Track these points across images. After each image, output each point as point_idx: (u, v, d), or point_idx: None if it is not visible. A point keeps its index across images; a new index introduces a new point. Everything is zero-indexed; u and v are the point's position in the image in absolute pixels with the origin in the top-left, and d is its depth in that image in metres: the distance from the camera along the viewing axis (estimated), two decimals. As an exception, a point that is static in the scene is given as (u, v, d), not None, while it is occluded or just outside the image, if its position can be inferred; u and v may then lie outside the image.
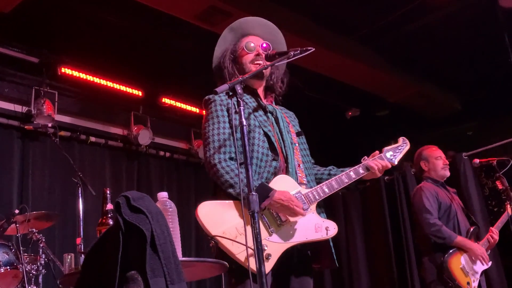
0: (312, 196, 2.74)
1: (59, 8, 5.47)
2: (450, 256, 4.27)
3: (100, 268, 2.00)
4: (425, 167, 4.69)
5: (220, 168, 2.65)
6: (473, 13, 5.93)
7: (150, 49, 6.30)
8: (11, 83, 6.19)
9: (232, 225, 2.55)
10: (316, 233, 2.70)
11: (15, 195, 6.02)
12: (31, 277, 4.56)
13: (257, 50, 2.95)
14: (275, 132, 2.88)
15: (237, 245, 2.49)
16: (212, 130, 2.76)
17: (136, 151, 7.22)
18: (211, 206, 2.62)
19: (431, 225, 4.34)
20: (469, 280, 4.24)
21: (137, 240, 1.95)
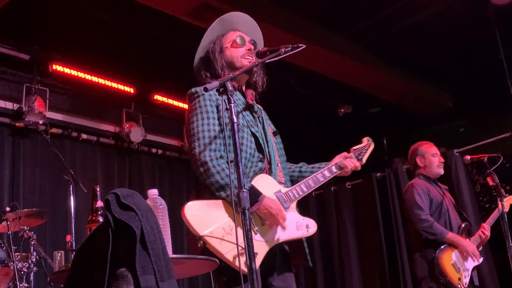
0: (292, 195, 2.78)
1: (50, 4, 5.46)
2: (441, 252, 4.28)
3: (90, 265, 1.99)
4: (421, 163, 4.69)
5: (211, 166, 2.62)
6: (464, 10, 5.95)
7: (142, 46, 6.29)
8: (2, 80, 6.18)
9: (219, 225, 2.55)
10: (297, 231, 2.74)
11: (6, 192, 6.01)
12: (22, 275, 4.56)
13: (249, 46, 2.94)
14: (261, 132, 2.87)
15: (225, 244, 2.50)
16: (202, 126, 2.72)
17: (128, 148, 7.22)
18: (198, 206, 2.61)
19: (422, 221, 4.35)
20: (460, 276, 4.26)
21: (126, 237, 1.94)
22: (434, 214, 4.44)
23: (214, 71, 2.88)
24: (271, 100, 3.15)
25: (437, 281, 4.23)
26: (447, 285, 4.20)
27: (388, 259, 6.89)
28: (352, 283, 7.12)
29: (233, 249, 2.50)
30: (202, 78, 2.91)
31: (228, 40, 2.95)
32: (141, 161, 7.41)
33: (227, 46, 2.93)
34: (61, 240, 6.02)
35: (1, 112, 6.16)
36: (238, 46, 2.92)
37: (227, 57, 2.91)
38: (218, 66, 2.88)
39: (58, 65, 6.32)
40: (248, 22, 3.08)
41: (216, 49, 2.92)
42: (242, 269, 2.37)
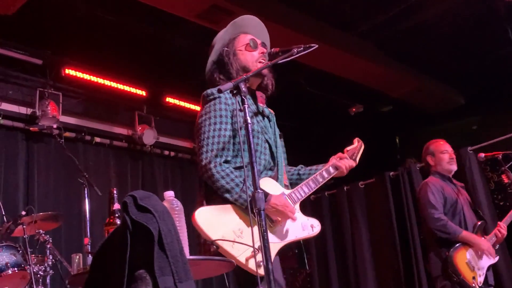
0: (295, 196, 2.80)
1: (61, 9, 5.49)
2: (455, 250, 4.27)
3: (108, 267, 2.01)
4: (432, 161, 4.68)
5: (216, 172, 2.65)
6: (475, 7, 5.92)
7: (153, 49, 6.31)
8: (15, 85, 6.22)
9: (229, 228, 2.58)
10: (303, 231, 2.77)
11: (21, 196, 6.04)
12: (38, 278, 4.56)
13: (261, 49, 2.95)
14: (273, 138, 2.90)
15: (237, 247, 2.52)
16: (213, 131, 2.74)
17: (140, 151, 7.24)
18: (208, 211, 2.63)
19: (436, 220, 4.34)
20: (474, 274, 4.23)
21: (144, 239, 1.95)
22: (448, 213, 4.43)
23: (229, 74, 2.89)
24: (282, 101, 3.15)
25: (450, 280, 4.21)
26: (460, 284, 4.18)
27: (402, 258, 6.86)
28: (367, 282, 7.09)
29: (245, 251, 2.53)
30: (216, 81, 2.91)
31: (240, 43, 2.96)
32: (154, 163, 7.43)
33: (240, 50, 2.94)
34: (76, 243, 6.07)
35: (15, 117, 6.19)
36: (251, 49, 2.93)
37: (241, 61, 2.91)
38: (233, 69, 2.89)
39: (70, 69, 6.36)
40: (258, 25, 3.08)
41: (229, 53, 2.93)
42: (251, 269, 2.46)
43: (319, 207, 7.64)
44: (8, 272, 4.38)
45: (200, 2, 5.30)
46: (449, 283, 4.23)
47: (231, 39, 2.98)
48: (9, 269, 4.39)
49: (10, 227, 4.74)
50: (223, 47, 2.97)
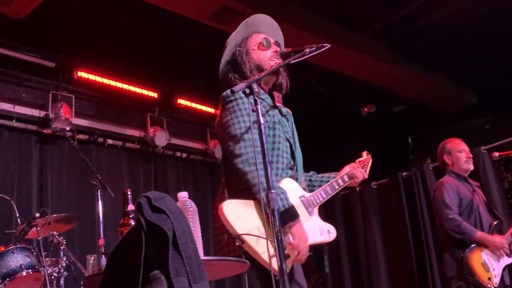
0: (314, 200, 2.80)
1: (73, 12, 5.52)
2: (470, 251, 4.24)
3: (123, 268, 2.02)
4: (448, 160, 4.65)
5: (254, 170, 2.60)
6: (487, 6, 5.89)
7: (164, 51, 6.33)
8: (28, 88, 6.25)
9: (254, 224, 2.55)
10: (321, 236, 2.77)
11: (34, 198, 6.07)
12: (52, 280, 4.57)
13: (275, 48, 2.95)
14: (294, 139, 2.90)
15: (261, 244, 2.49)
16: (242, 129, 2.71)
17: (152, 153, 7.26)
18: (235, 204, 2.61)
19: (450, 220, 4.31)
20: (490, 275, 4.20)
21: (159, 239, 1.96)
22: (463, 213, 4.39)
23: (243, 73, 2.88)
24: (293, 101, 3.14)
25: (466, 281, 4.18)
26: (476, 285, 4.15)
27: (416, 259, 6.83)
28: (380, 283, 7.07)
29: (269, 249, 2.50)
30: (231, 80, 2.90)
31: (253, 42, 2.95)
32: (166, 164, 7.44)
33: (253, 49, 2.94)
34: (90, 244, 6.10)
35: (28, 119, 6.22)
36: (264, 48, 2.93)
37: (254, 59, 2.91)
38: (246, 68, 2.88)
39: (83, 71, 6.39)
40: (270, 23, 3.08)
41: (242, 52, 2.92)
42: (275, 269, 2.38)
43: (331, 208, 7.63)
44: (23, 274, 4.40)
45: (211, 3, 5.31)
46: (464, 284, 4.20)
47: (244, 38, 2.97)
48: (23, 271, 4.41)
49: (24, 229, 4.77)
50: (236, 46, 2.96)
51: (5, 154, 6.02)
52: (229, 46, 2.99)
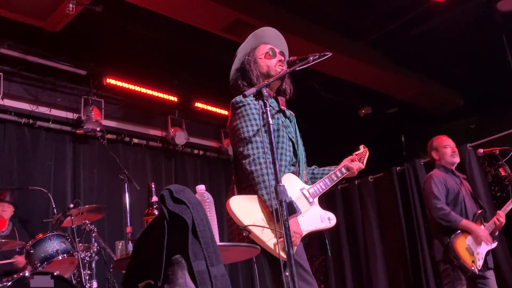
0: (314, 191, 2.78)
1: (102, 25, 5.54)
2: (455, 237, 4.21)
3: (148, 253, 2.02)
4: (436, 156, 4.62)
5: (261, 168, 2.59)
6: (473, 17, 5.85)
7: (184, 60, 6.33)
8: (63, 93, 6.28)
9: (259, 216, 2.56)
10: (322, 223, 2.75)
11: (69, 191, 6.11)
12: (85, 263, 4.61)
13: (280, 57, 2.94)
14: (296, 139, 2.88)
15: (266, 233, 2.50)
16: (251, 131, 2.69)
17: (173, 150, 7.27)
18: (240, 199, 2.61)
19: (438, 210, 4.28)
20: (474, 259, 4.17)
21: (180, 227, 1.97)
22: (451, 203, 4.37)
23: (250, 80, 2.86)
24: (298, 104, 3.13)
25: (451, 264, 4.16)
26: (461, 267, 4.13)
27: (408, 245, 6.80)
28: (376, 266, 7.05)
29: (273, 238, 2.52)
30: (240, 87, 2.88)
31: (260, 52, 2.93)
32: (185, 161, 7.46)
33: (260, 57, 2.92)
34: (118, 232, 6.12)
35: (63, 121, 6.26)
36: (270, 57, 2.91)
37: (261, 67, 2.89)
38: (253, 75, 2.86)
39: (111, 78, 6.41)
40: (277, 35, 3.05)
41: (250, 61, 2.91)
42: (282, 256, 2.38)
43: (332, 199, 7.61)
44: (59, 258, 4.44)
45: (225, 18, 5.32)
46: (450, 266, 4.18)
47: (252, 48, 2.96)
48: (60, 255, 4.45)
49: (60, 218, 4.81)
50: (245, 55, 2.95)
51: (43, 152, 6.06)
52: (239, 56, 2.98)
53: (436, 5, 5.58)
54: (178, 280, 1.89)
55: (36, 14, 5.01)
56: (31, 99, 6.04)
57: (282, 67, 2.89)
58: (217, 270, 1.96)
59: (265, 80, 2.67)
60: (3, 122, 5.83)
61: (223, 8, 5.20)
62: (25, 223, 5.32)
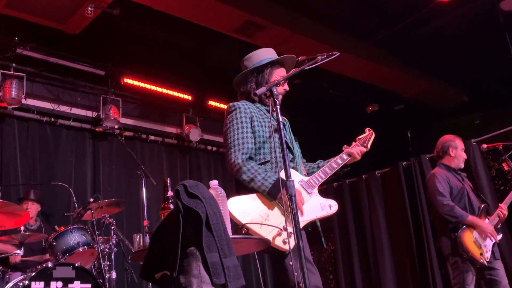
0: (313, 182, 2.80)
1: (120, 28, 5.56)
2: (462, 231, 4.16)
3: (164, 245, 2.04)
4: (452, 153, 4.55)
5: (242, 167, 2.67)
6: (477, 16, 5.79)
7: (197, 60, 6.34)
8: (83, 93, 6.33)
9: (257, 213, 2.58)
10: (322, 211, 2.75)
11: (88, 186, 6.15)
12: (104, 255, 4.63)
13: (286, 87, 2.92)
14: (289, 137, 2.90)
15: (264, 228, 2.53)
16: (236, 135, 2.75)
17: (188, 147, 7.29)
18: (237, 199, 2.63)
19: (444, 206, 4.24)
20: (482, 251, 4.13)
21: (194, 221, 1.98)
22: (455, 199, 4.32)
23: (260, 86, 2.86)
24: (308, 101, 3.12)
25: (461, 257, 4.12)
26: (470, 260, 4.09)
27: (414, 236, 6.76)
28: (384, 258, 7.02)
29: (271, 232, 2.53)
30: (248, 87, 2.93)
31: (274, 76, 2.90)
32: (199, 157, 7.48)
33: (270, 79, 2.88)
34: (136, 225, 6.15)
35: (83, 119, 6.31)
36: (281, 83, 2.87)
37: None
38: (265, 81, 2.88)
39: (128, 78, 6.44)
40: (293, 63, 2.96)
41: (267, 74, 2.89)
42: (277, 246, 2.46)
43: (341, 193, 7.58)
44: (80, 249, 4.48)
45: (237, 19, 5.31)
46: (460, 259, 4.13)
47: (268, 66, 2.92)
48: (80, 247, 4.49)
49: (80, 212, 4.84)
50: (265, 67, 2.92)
51: (64, 149, 6.11)
52: (254, 58, 2.96)
53: (441, 5, 5.54)
54: (192, 271, 1.90)
55: (56, 17, 5.04)
56: (52, 98, 6.09)
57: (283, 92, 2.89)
58: (230, 262, 1.98)
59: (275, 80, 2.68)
60: (26, 121, 5.89)
61: (235, 10, 5.19)
62: (47, 216, 5.38)
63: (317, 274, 2.60)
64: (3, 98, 5.47)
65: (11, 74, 5.58)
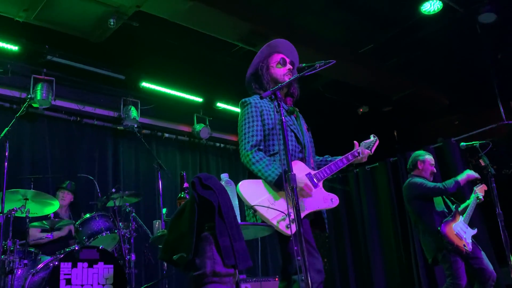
0: (319, 175, 2.75)
1: (138, 37, 5.57)
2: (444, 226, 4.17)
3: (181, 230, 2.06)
4: (420, 166, 4.53)
5: (252, 158, 2.63)
6: (457, 28, 5.79)
7: (207, 66, 6.34)
8: (106, 95, 6.34)
9: (265, 197, 2.54)
10: (324, 203, 2.73)
11: (110, 178, 6.17)
12: (125, 239, 4.65)
13: (289, 66, 2.92)
14: (298, 129, 2.85)
15: (270, 212, 2.49)
16: (248, 128, 2.72)
17: (198, 144, 7.30)
18: (248, 183, 2.60)
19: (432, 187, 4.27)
20: (464, 242, 4.14)
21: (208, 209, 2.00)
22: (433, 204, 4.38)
23: (261, 84, 2.87)
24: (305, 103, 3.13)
25: (447, 249, 4.13)
26: (455, 250, 4.10)
27: (400, 221, 6.80)
28: (373, 241, 7.05)
29: (277, 216, 2.49)
30: (252, 88, 2.91)
31: (273, 60, 2.91)
32: (208, 152, 7.48)
33: (272, 66, 2.90)
34: (152, 212, 6.17)
35: (105, 119, 6.33)
36: (281, 66, 2.90)
37: (272, 74, 2.88)
38: (265, 81, 2.86)
39: (146, 82, 6.43)
40: (289, 46, 3.00)
41: (264, 67, 2.89)
42: (285, 231, 2.42)
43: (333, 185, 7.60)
44: (103, 234, 4.52)
45: (242, 29, 5.30)
46: (446, 251, 4.12)
47: (266, 56, 2.94)
48: (104, 232, 4.53)
49: (104, 201, 4.87)
50: (260, 62, 2.93)
51: (88, 145, 6.13)
52: (254, 61, 2.96)
53: (425, 18, 5.54)
54: (206, 253, 1.93)
55: (82, 29, 5.05)
56: (78, 100, 6.11)
57: (289, 77, 2.86)
58: (239, 245, 1.99)
59: (273, 85, 2.69)
60: (56, 120, 5.91)
61: (240, 21, 5.19)
62: (74, 205, 5.41)
63: (320, 259, 2.59)
64: (35, 99, 5.49)
65: (42, 78, 5.60)
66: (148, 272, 5.77)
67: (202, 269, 1.91)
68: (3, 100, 5.54)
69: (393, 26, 5.77)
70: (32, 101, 5.48)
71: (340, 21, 5.72)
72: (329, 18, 5.64)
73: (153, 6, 4.74)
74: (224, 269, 1.91)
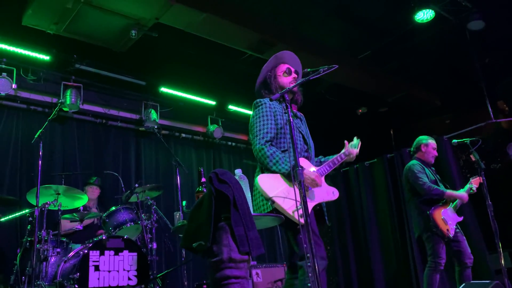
0: (321, 172, 2.79)
1: (158, 47, 5.59)
2: (434, 210, 4.18)
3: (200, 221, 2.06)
4: (423, 149, 4.53)
5: (265, 152, 2.64)
6: (448, 34, 5.76)
7: (220, 72, 6.35)
8: (128, 99, 6.36)
9: (282, 189, 2.56)
10: (327, 196, 2.76)
11: (133, 174, 6.19)
12: (147, 229, 4.66)
13: (294, 75, 2.95)
14: (305, 131, 2.89)
15: (287, 202, 2.50)
16: (262, 126, 2.73)
17: (212, 143, 7.31)
18: (266, 177, 2.62)
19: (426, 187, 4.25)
20: (448, 227, 4.15)
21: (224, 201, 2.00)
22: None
23: (270, 90, 2.90)
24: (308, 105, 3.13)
25: (431, 231, 4.14)
26: (438, 234, 4.11)
27: (396, 213, 6.75)
28: (372, 232, 7.01)
29: (292, 206, 2.51)
30: (262, 95, 2.94)
31: (279, 70, 2.95)
32: (221, 151, 7.48)
33: (279, 75, 2.94)
34: (171, 204, 6.19)
35: (128, 121, 6.34)
36: (287, 75, 2.93)
37: (279, 82, 2.92)
38: (273, 88, 2.90)
39: (164, 87, 6.46)
40: (293, 57, 3.03)
41: (271, 76, 2.93)
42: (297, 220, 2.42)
43: (335, 180, 7.58)
44: (127, 225, 4.53)
45: (252, 38, 5.30)
46: (431, 233, 4.15)
47: (273, 66, 2.98)
48: (128, 223, 4.54)
49: (127, 195, 4.89)
50: (268, 71, 2.97)
51: (113, 144, 6.16)
52: (263, 72, 3.01)
53: (418, 26, 5.50)
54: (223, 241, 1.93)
55: (107, 40, 5.09)
56: (104, 104, 6.13)
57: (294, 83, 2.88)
58: (253, 234, 2.00)
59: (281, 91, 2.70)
60: (83, 122, 5.95)
61: (249, 31, 5.20)
62: (101, 198, 5.45)
63: (323, 247, 2.60)
64: (65, 104, 5.53)
65: (70, 84, 5.64)
66: (168, 259, 5.79)
67: (220, 256, 1.92)
68: (37, 105, 5.59)
69: (389, 33, 5.75)
70: (63, 106, 5.52)
71: (341, 30, 5.72)
72: (330, 27, 5.64)
73: (171, 18, 4.76)
74: (239, 256, 1.92)
